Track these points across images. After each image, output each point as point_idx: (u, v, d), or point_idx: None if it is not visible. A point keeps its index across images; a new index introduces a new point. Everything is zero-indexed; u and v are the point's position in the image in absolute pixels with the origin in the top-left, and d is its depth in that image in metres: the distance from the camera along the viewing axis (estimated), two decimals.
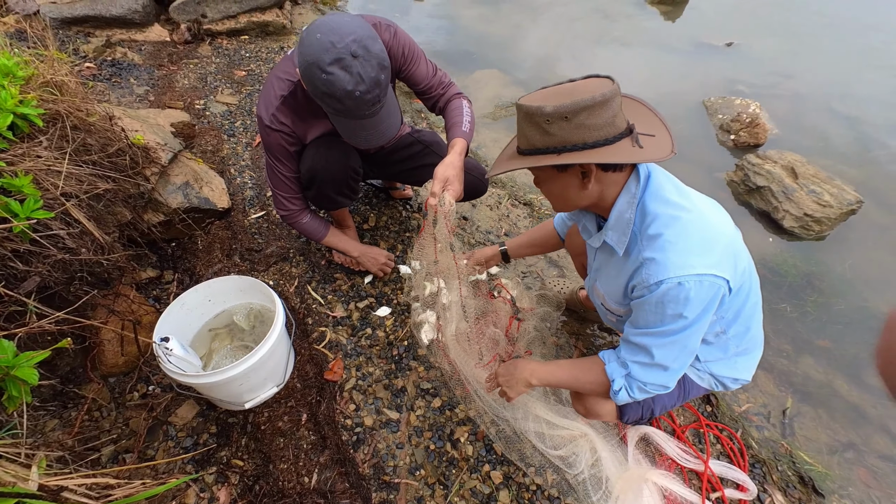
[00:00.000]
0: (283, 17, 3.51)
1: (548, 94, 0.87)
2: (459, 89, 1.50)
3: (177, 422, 1.40)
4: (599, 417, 1.22)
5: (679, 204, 0.91)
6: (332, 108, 1.14)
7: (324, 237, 1.63)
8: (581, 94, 0.82)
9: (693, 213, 0.91)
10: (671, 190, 0.93)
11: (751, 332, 1.11)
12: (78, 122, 1.37)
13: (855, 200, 2.49)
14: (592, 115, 0.82)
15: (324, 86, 1.07)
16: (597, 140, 0.85)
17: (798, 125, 3.27)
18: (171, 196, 1.75)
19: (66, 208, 1.21)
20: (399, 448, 1.38)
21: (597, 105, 0.81)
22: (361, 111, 1.13)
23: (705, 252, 0.88)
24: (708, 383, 1.20)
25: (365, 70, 1.07)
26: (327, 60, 1.04)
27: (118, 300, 1.45)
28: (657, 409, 1.22)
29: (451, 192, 1.22)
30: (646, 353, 0.99)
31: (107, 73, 2.68)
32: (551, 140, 0.86)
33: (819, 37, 4.39)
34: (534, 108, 0.84)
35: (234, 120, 2.55)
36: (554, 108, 0.82)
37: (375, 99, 1.13)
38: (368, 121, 1.18)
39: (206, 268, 1.78)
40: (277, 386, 1.43)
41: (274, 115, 1.32)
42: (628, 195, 0.95)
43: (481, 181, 1.68)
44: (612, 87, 0.83)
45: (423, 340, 1.51)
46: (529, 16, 4.61)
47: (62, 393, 1.37)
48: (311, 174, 1.45)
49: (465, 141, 1.35)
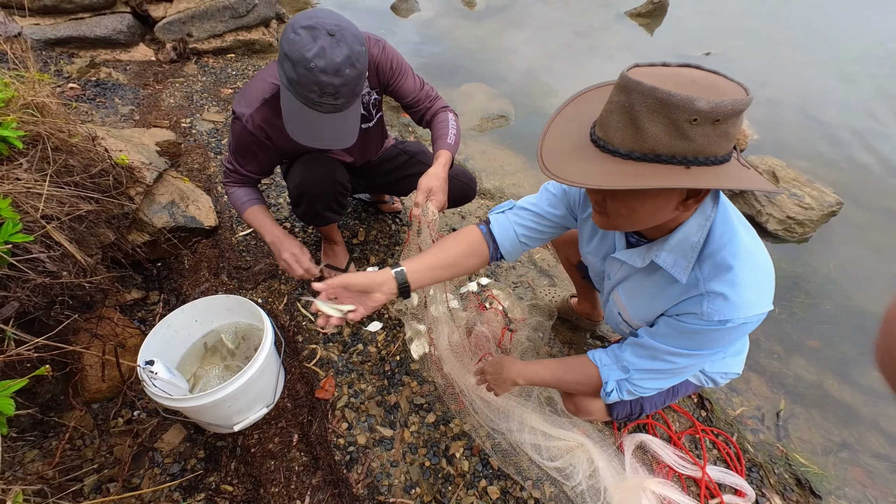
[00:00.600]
0: (270, 35, 3.54)
1: (681, 81, 0.62)
2: (446, 103, 1.52)
3: (163, 447, 1.36)
4: (590, 415, 1.19)
5: (744, 233, 0.81)
6: (285, 75, 1.06)
7: (243, 212, 1.45)
8: (728, 92, 0.61)
9: (757, 245, 0.82)
10: (735, 215, 0.82)
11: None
12: (60, 144, 1.35)
13: (835, 202, 2.56)
14: (737, 123, 0.64)
15: (286, 44, 1.02)
16: (726, 155, 0.66)
17: (776, 130, 3.36)
18: (157, 215, 1.73)
19: (47, 231, 1.19)
20: (393, 466, 1.35)
21: (742, 110, 0.62)
22: (310, 90, 1.04)
23: (770, 291, 0.81)
24: (698, 379, 1.20)
25: (332, 50, 1.01)
26: (302, 23, 1.01)
27: (101, 323, 1.42)
28: (647, 407, 1.21)
29: (435, 203, 1.22)
30: (663, 362, 0.93)
31: (91, 93, 2.67)
32: (687, 147, 0.63)
33: (793, 45, 4.55)
34: (680, 99, 0.59)
35: (221, 138, 2.54)
36: (710, 107, 0.59)
37: (331, 89, 1.04)
38: (314, 113, 1.09)
39: (193, 287, 1.75)
40: (267, 406, 1.40)
41: (252, 116, 1.28)
42: (702, 216, 0.80)
43: (470, 186, 1.70)
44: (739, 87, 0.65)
45: (413, 355, 1.50)
46: (514, 30, 4.71)
47: (42, 422, 1.32)
48: (300, 191, 1.44)
49: (449, 153, 1.36)
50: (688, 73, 0.65)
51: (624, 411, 1.18)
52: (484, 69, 3.97)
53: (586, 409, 1.17)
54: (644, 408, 1.20)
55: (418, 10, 5.02)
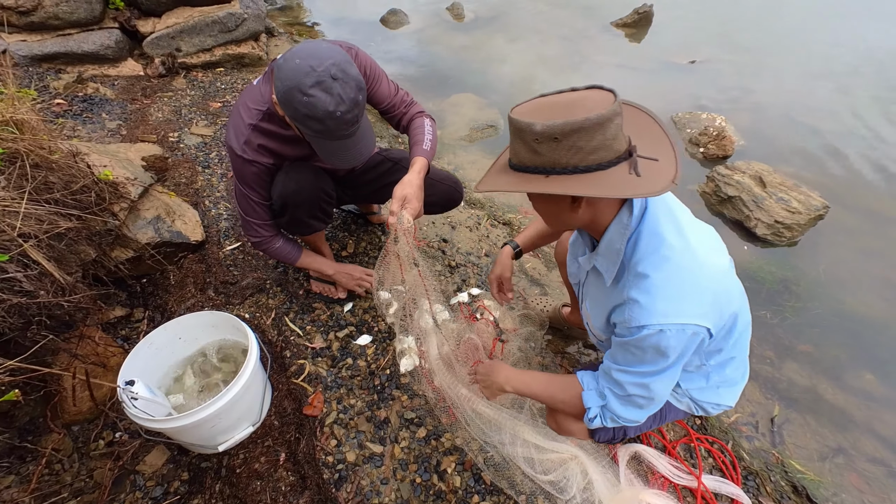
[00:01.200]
0: (259, 49, 3.55)
1: (542, 107, 0.79)
2: (422, 108, 1.53)
3: (145, 470, 1.32)
4: (571, 434, 1.19)
5: (672, 244, 0.85)
6: (312, 130, 1.15)
7: (297, 259, 1.61)
8: (575, 113, 0.74)
9: (685, 256, 0.85)
10: (668, 226, 0.87)
11: (735, 361, 1.09)
12: (39, 161, 1.33)
13: (822, 206, 2.58)
14: (586, 136, 0.74)
15: (305, 108, 1.09)
16: (589, 164, 0.77)
17: (762, 136, 3.42)
18: (141, 231, 1.70)
19: (24, 249, 1.16)
20: (384, 484, 1.32)
21: (591, 127, 0.73)
22: (342, 131, 1.16)
23: (692, 301, 0.84)
24: (687, 406, 1.18)
25: (345, 91, 1.10)
26: (308, 83, 1.06)
27: (82, 343, 1.38)
28: (630, 431, 1.19)
29: (409, 211, 1.25)
30: (621, 388, 0.97)
31: (78, 108, 2.65)
32: (540, 160, 0.79)
33: (777, 52, 4.65)
34: (523, 125, 0.76)
35: (209, 151, 2.53)
36: (543, 128, 0.74)
37: (354, 119, 1.16)
38: (348, 140, 1.21)
39: (179, 303, 1.72)
40: (253, 425, 1.36)
41: (246, 144, 1.31)
42: (620, 225, 0.89)
43: (455, 189, 1.71)
44: (611, 106, 0.74)
45: (401, 369, 1.49)
46: (502, 41, 4.77)
47: (19, 446, 1.28)
48: (283, 199, 1.43)
49: (425, 159, 1.38)
50: (566, 98, 0.79)
51: (606, 435, 1.17)
52: (473, 80, 4.01)
53: (568, 428, 1.16)
54: (627, 432, 1.18)
55: (408, 22, 5.08)
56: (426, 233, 2.16)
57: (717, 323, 0.89)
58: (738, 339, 1.04)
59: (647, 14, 5.02)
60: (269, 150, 1.36)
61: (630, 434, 1.19)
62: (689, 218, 0.95)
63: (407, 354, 1.52)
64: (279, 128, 1.33)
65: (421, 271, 1.30)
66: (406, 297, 1.38)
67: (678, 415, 1.21)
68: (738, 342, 1.05)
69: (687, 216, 0.94)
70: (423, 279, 1.31)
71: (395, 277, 1.35)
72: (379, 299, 1.48)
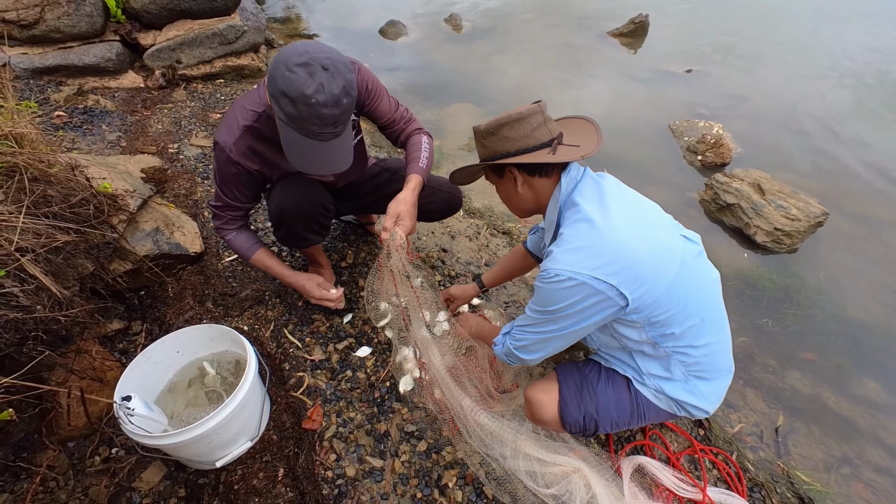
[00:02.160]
0: (259, 61, 3.58)
1: (490, 119, 1.07)
2: (421, 125, 1.53)
3: (142, 487, 1.30)
4: (543, 423, 1.26)
5: (587, 212, 1.01)
6: (283, 112, 1.07)
7: (250, 257, 1.51)
8: (520, 113, 1.02)
9: (597, 223, 0.99)
10: (591, 199, 1.04)
11: (697, 352, 1.09)
12: (38, 174, 1.32)
13: (821, 213, 2.59)
14: (512, 129, 1.03)
15: (283, 82, 1.02)
16: (518, 149, 1.05)
17: (759, 143, 3.43)
18: (140, 243, 1.70)
19: (21, 264, 1.15)
20: (384, 499, 1.29)
21: (513, 121, 1.03)
22: (311, 123, 1.07)
23: (590, 257, 0.97)
24: (667, 405, 1.17)
25: (329, 84, 1.03)
26: (295, 61, 1.02)
27: (79, 357, 1.37)
28: (604, 424, 1.19)
29: (402, 228, 1.25)
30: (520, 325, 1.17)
31: (78, 120, 2.66)
32: (486, 151, 1.10)
33: (773, 60, 4.69)
34: (474, 128, 1.11)
35: (209, 163, 2.53)
36: (484, 127, 1.07)
37: (332, 119, 1.07)
38: (320, 144, 1.12)
39: (177, 316, 1.71)
40: (251, 440, 1.34)
41: (235, 145, 1.28)
42: (553, 200, 1.11)
43: (454, 195, 1.71)
44: (530, 107, 1.03)
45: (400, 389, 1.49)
46: (499, 51, 4.82)
47: (13, 464, 1.26)
48: (280, 214, 1.43)
49: (420, 177, 1.38)
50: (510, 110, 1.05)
51: (577, 424, 1.19)
52: (470, 90, 4.04)
53: (540, 416, 1.24)
54: (599, 424, 1.19)
55: (406, 33, 5.13)
56: (425, 242, 2.16)
57: (633, 287, 0.96)
58: (697, 327, 1.06)
59: (643, 24, 5.08)
60: (258, 154, 1.33)
61: (604, 427, 1.20)
62: (630, 198, 1.09)
63: (406, 373, 1.51)
64: (271, 132, 1.29)
65: (414, 286, 1.31)
66: (401, 310, 1.38)
67: (660, 415, 1.20)
68: (697, 330, 1.07)
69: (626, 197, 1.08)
70: (416, 293, 1.32)
71: (388, 291, 1.36)
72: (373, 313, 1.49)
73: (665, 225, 1.07)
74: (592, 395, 1.19)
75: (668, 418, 1.24)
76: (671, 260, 1.00)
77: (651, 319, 1.03)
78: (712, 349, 1.11)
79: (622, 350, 1.18)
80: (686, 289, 1.02)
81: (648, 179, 3.08)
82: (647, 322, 1.04)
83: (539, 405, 1.22)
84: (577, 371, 1.25)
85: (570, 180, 1.08)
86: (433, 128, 3.46)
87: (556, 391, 1.22)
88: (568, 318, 1.04)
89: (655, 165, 3.25)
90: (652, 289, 0.98)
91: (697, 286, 1.06)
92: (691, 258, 1.05)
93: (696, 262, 1.07)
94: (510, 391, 1.53)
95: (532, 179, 1.10)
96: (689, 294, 1.03)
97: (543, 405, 1.22)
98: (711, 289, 1.11)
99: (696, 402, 1.14)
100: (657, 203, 1.14)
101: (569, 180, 1.08)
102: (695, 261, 1.07)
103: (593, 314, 1.02)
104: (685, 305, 1.03)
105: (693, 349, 1.09)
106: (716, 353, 1.13)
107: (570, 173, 1.09)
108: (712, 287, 1.12)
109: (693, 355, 1.10)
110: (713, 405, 1.16)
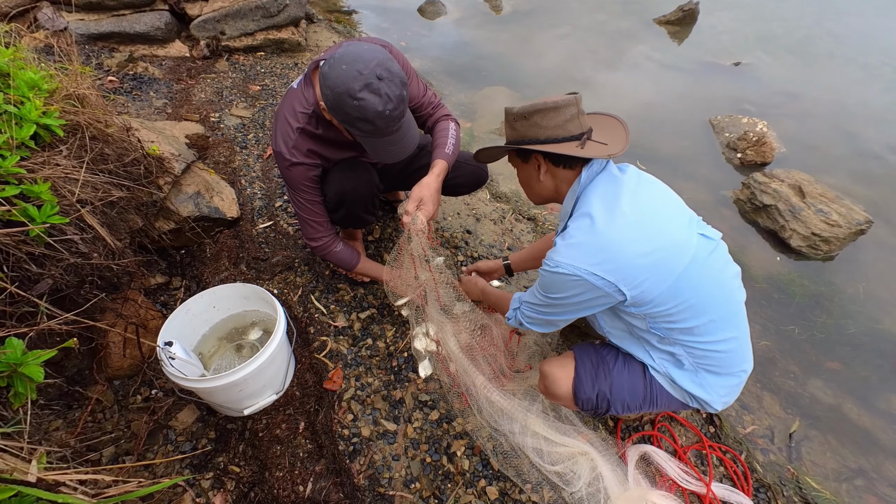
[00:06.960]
0: (299, 35, 3.63)
1: (524, 102, 1.08)
2: (449, 111, 1.56)
3: (177, 426, 1.42)
4: (556, 398, 1.29)
5: (592, 209, 1.04)
6: (363, 131, 1.19)
7: (356, 265, 1.64)
8: (554, 101, 1.03)
9: (597, 222, 1.01)
10: (601, 195, 1.06)
11: (707, 347, 1.09)
12: (97, 133, 1.43)
13: (864, 220, 2.47)
14: (545, 117, 1.05)
15: (356, 111, 1.13)
16: (547, 137, 1.06)
17: (806, 144, 3.27)
18: (183, 205, 1.80)
19: (81, 214, 1.26)
20: (395, 460, 1.37)
21: (548, 109, 1.04)
22: (390, 128, 1.20)
23: (588, 254, 1.01)
24: (680, 395, 1.18)
25: (391, 89, 1.13)
26: (357, 88, 1.10)
27: (126, 304, 1.49)
28: (616, 406, 1.21)
29: (424, 213, 1.29)
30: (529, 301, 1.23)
31: (128, 86, 2.80)
32: (515, 134, 1.12)
33: (828, 55, 4.41)
34: (507, 110, 1.11)
35: (247, 133, 2.63)
36: (517, 110, 1.08)
37: (401, 114, 1.20)
38: (395, 135, 1.24)
39: (213, 275, 1.82)
40: (276, 393, 1.44)
41: (294, 148, 1.35)
42: (572, 192, 1.13)
43: (481, 169, 1.74)
44: (567, 98, 1.05)
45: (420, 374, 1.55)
46: (538, 34, 4.71)
47: (68, 393, 1.40)
48: (340, 196, 1.48)
49: (445, 162, 1.41)
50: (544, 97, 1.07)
51: (589, 402, 1.22)
52: (506, 73, 3.98)
53: (553, 391, 1.28)
54: (611, 405, 1.21)
55: (445, 13, 5.07)
56: (450, 223, 2.19)
57: (631, 284, 0.99)
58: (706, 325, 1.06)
59: (692, 12, 4.84)
60: (315, 153, 1.40)
61: (616, 408, 1.22)
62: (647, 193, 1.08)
63: (424, 357, 1.57)
64: (324, 130, 1.37)
65: (433, 269, 1.35)
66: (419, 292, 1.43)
67: (672, 403, 1.21)
68: (707, 327, 1.07)
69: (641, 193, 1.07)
70: (434, 277, 1.35)
71: (408, 274, 1.41)
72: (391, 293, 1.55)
73: (678, 222, 1.06)
74: (608, 375, 1.21)
75: (680, 408, 1.25)
76: (678, 257, 1.00)
77: (653, 313, 1.05)
78: (725, 346, 1.10)
79: (631, 336, 1.20)
80: (695, 286, 1.02)
81: (682, 174, 2.99)
82: (648, 315, 1.06)
83: (554, 379, 1.26)
84: (595, 352, 1.28)
85: (590, 174, 1.10)
86: (466, 110, 3.45)
87: (571, 367, 1.25)
88: (569, 307, 1.12)
89: (691, 160, 3.15)
90: (652, 286, 1.00)
91: (709, 284, 1.05)
92: (705, 256, 1.04)
93: (710, 260, 1.05)
94: (523, 371, 1.57)
95: (556, 169, 1.13)
96: (698, 291, 1.02)
97: (559, 380, 1.25)
98: (727, 286, 1.10)
99: (703, 395, 1.15)
100: (686, 199, 1.13)
101: (589, 174, 1.10)
102: (709, 258, 1.05)
103: (594, 305, 1.10)
104: (693, 302, 1.03)
105: (702, 344, 1.09)
106: (730, 350, 1.12)
107: (591, 167, 1.10)
108: (729, 284, 1.10)
109: (702, 349, 1.10)
110: (721, 400, 1.16)
